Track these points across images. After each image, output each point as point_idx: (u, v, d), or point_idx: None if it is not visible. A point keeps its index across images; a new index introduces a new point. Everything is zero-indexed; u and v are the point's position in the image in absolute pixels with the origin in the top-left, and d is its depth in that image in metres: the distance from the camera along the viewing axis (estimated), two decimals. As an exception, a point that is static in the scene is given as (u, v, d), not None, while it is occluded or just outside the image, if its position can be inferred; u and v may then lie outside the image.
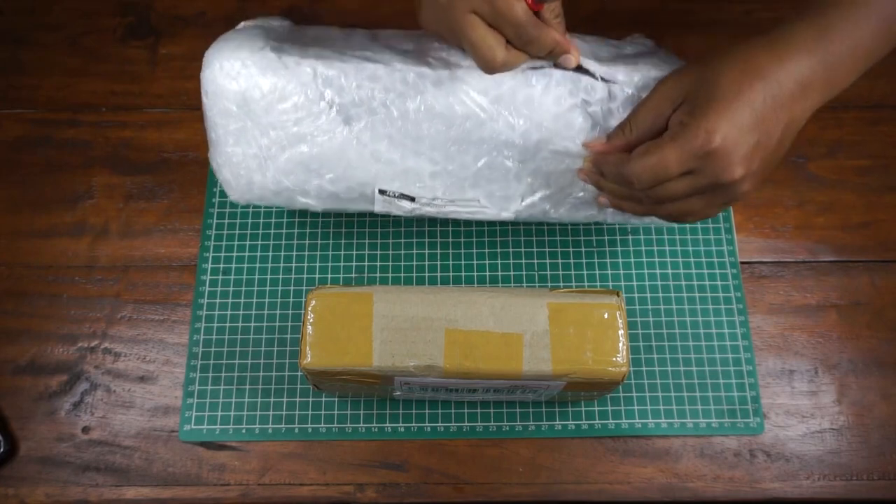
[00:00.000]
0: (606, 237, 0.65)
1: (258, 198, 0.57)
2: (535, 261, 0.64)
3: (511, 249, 0.65)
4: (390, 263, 0.64)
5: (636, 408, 0.60)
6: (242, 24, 0.58)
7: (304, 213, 0.65)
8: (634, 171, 0.48)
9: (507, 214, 0.57)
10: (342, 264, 0.64)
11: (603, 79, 0.52)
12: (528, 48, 0.48)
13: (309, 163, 0.54)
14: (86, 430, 0.59)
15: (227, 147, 0.55)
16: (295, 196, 0.56)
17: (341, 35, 0.59)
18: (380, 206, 0.57)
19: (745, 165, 0.46)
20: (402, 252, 0.64)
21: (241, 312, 0.62)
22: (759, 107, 0.45)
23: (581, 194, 0.57)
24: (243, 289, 0.63)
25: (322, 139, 0.53)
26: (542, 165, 0.54)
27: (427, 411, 0.60)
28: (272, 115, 0.53)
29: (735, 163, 0.45)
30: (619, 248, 0.65)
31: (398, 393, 0.55)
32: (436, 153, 0.54)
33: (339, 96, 0.52)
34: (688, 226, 0.65)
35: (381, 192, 0.56)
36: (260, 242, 0.65)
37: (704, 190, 0.47)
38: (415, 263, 0.64)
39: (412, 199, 0.56)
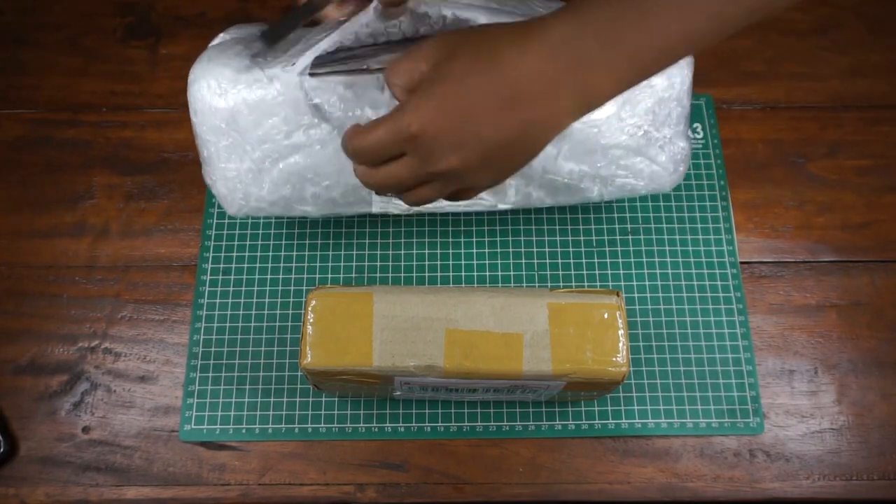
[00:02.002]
0: (606, 237, 0.65)
1: (255, 210, 0.57)
2: (535, 261, 0.64)
3: (511, 249, 0.65)
4: (390, 263, 0.64)
5: (636, 408, 0.60)
6: (220, 36, 0.56)
7: (304, 213, 0.65)
8: (353, 147, 0.45)
9: (504, 205, 0.57)
10: (342, 264, 0.64)
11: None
12: None
13: (304, 172, 0.54)
14: (86, 430, 0.59)
15: (220, 163, 0.55)
16: (292, 205, 0.56)
17: (324, 33, 0.58)
18: (377, 206, 0.57)
19: (459, 156, 0.42)
20: (402, 252, 0.64)
21: (241, 312, 0.62)
22: (486, 97, 0.41)
23: (567, 181, 0.57)
24: (243, 289, 0.63)
25: (314, 149, 0.53)
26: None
27: (427, 411, 0.60)
28: (262, 129, 0.53)
29: (445, 151, 0.42)
30: (619, 248, 0.65)
31: (398, 393, 0.55)
32: None
33: (328, 103, 0.52)
34: (688, 226, 0.65)
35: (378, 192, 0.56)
36: (260, 242, 0.65)
37: (426, 177, 0.44)
38: (415, 263, 0.64)
39: None
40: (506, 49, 0.42)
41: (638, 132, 0.55)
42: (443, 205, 0.57)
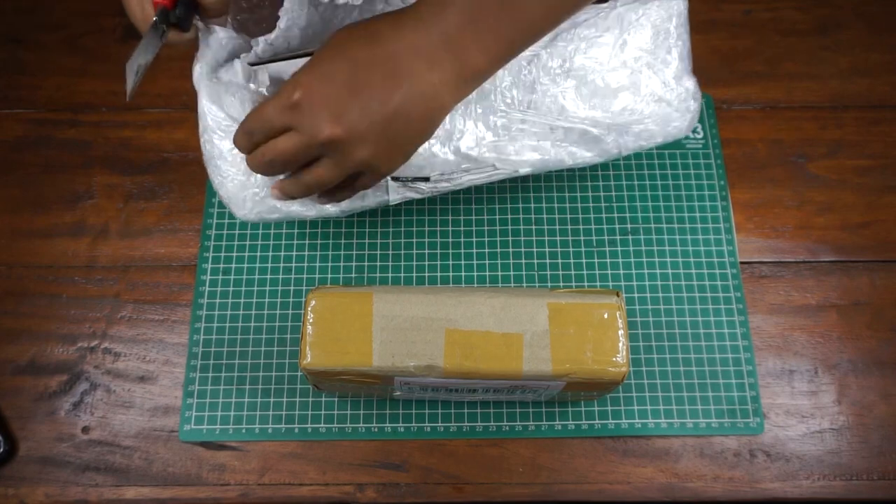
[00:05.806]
0: (606, 237, 0.65)
1: (269, 210, 0.56)
2: (535, 261, 0.64)
3: (511, 249, 0.65)
4: (390, 263, 0.64)
5: (636, 408, 0.60)
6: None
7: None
8: (242, 128, 0.47)
9: (524, 169, 0.57)
10: (342, 264, 0.64)
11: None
12: None
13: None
14: (86, 430, 0.59)
15: (226, 162, 0.54)
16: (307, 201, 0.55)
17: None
18: (395, 194, 0.57)
19: (340, 125, 0.43)
20: (402, 252, 0.64)
21: (241, 312, 0.62)
22: (362, 66, 0.44)
23: (582, 126, 0.57)
24: (243, 289, 0.63)
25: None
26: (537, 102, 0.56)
27: (427, 411, 0.60)
28: None
29: (325, 119, 0.43)
30: (619, 248, 0.65)
31: (398, 393, 0.55)
32: None
33: (266, 88, 0.52)
34: (688, 226, 0.65)
35: (395, 179, 0.56)
36: (260, 242, 0.65)
37: (311, 150, 0.45)
38: (415, 263, 0.64)
39: (427, 180, 0.56)
40: (382, 27, 0.45)
41: (639, 63, 0.56)
42: (462, 181, 0.57)
